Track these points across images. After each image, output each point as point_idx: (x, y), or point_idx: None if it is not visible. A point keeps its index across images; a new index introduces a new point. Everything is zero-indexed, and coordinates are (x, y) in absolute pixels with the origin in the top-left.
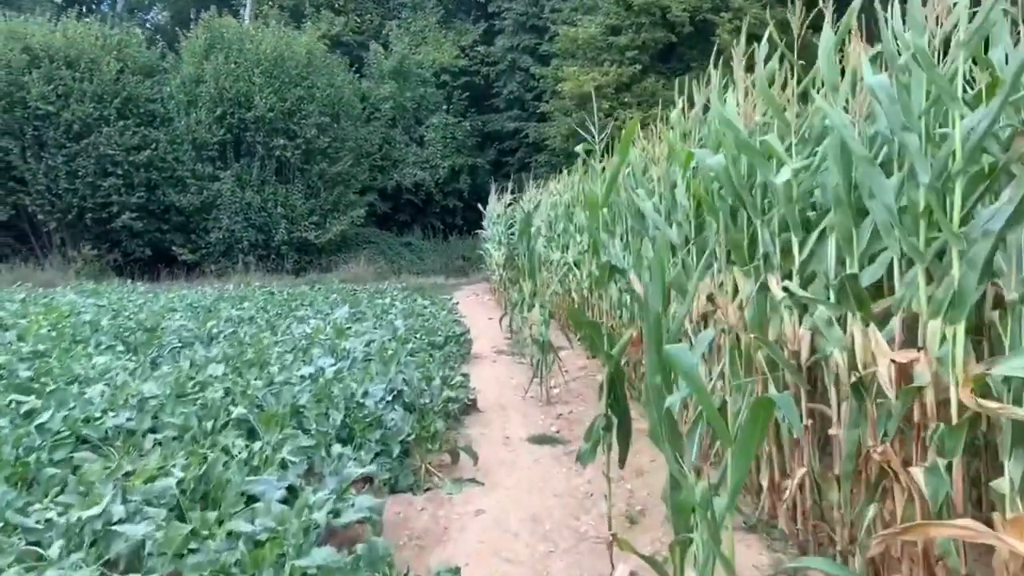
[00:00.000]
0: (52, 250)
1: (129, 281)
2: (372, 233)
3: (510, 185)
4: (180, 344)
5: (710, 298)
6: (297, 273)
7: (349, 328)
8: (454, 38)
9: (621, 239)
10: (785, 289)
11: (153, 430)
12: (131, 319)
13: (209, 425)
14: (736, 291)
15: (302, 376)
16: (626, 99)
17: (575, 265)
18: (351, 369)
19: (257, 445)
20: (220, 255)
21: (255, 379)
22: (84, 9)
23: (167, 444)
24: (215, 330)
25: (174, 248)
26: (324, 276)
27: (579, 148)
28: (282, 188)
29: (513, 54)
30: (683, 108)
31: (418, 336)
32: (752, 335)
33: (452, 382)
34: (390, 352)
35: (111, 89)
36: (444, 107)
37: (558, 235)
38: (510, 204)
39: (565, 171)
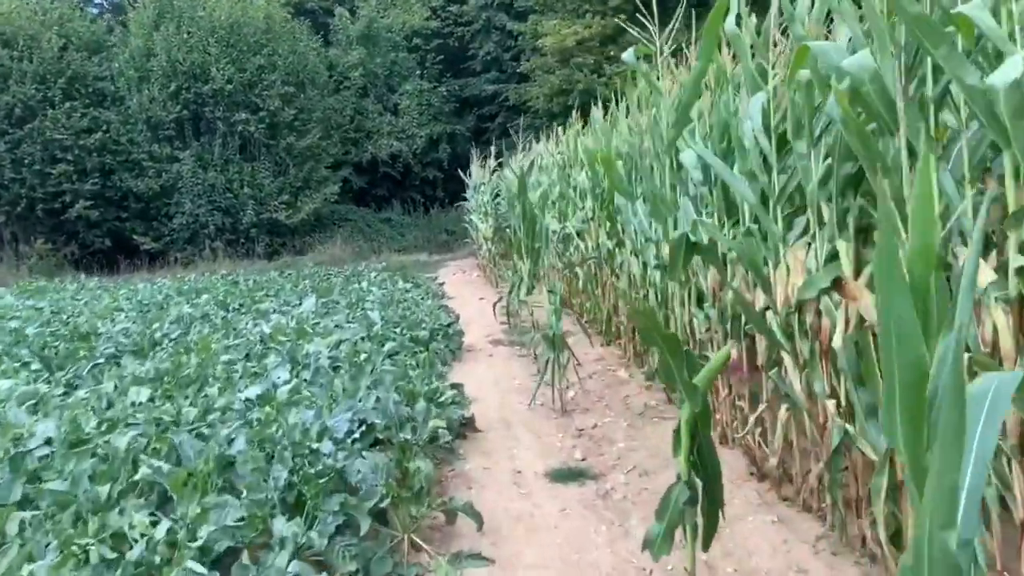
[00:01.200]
0: (3, 246)
1: (83, 276)
2: (348, 210)
3: (492, 151)
4: (115, 354)
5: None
6: (269, 257)
7: (317, 324)
8: None
9: (644, 202)
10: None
11: (26, 501)
12: (68, 323)
13: (105, 491)
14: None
15: (247, 400)
16: (612, 52)
17: (577, 235)
18: (311, 385)
19: (164, 528)
20: (185, 242)
21: (188, 405)
22: None
23: (36, 527)
24: (159, 334)
25: (135, 237)
26: (298, 259)
27: (628, 54)
28: (247, 166)
29: (488, 12)
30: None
31: (398, 330)
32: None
33: (441, 399)
34: (363, 357)
35: (54, 68)
36: (418, 72)
37: (553, 201)
38: (495, 171)
39: (552, 132)
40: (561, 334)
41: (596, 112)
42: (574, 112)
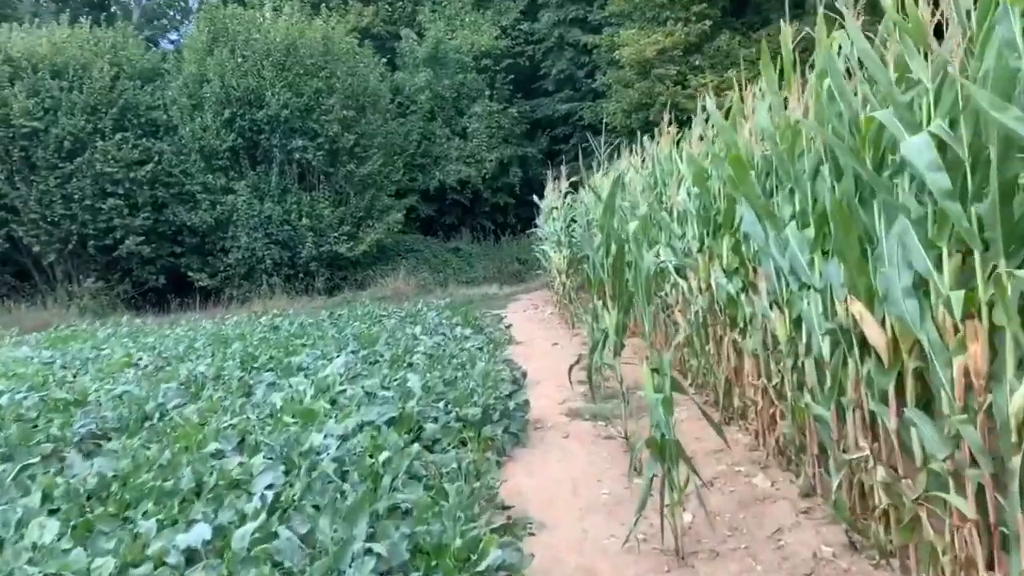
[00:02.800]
0: (56, 286)
1: (125, 318)
2: (415, 240)
3: (564, 171)
4: (94, 433)
5: None
6: (330, 292)
7: (343, 391)
8: (493, 17)
9: (800, 226)
10: None
11: None
12: (64, 384)
13: None
14: None
15: (188, 550)
16: (697, 62)
17: (676, 272)
18: (297, 512)
19: None
20: (241, 278)
21: (107, 551)
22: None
23: None
24: (155, 402)
25: (190, 274)
26: (359, 295)
27: None
28: (306, 196)
29: (560, 28)
30: None
31: (443, 405)
32: None
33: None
34: (382, 457)
35: (105, 98)
36: (487, 94)
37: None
38: (568, 193)
39: (635, 147)
40: (675, 441)
41: (708, 103)
42: (656, 129)
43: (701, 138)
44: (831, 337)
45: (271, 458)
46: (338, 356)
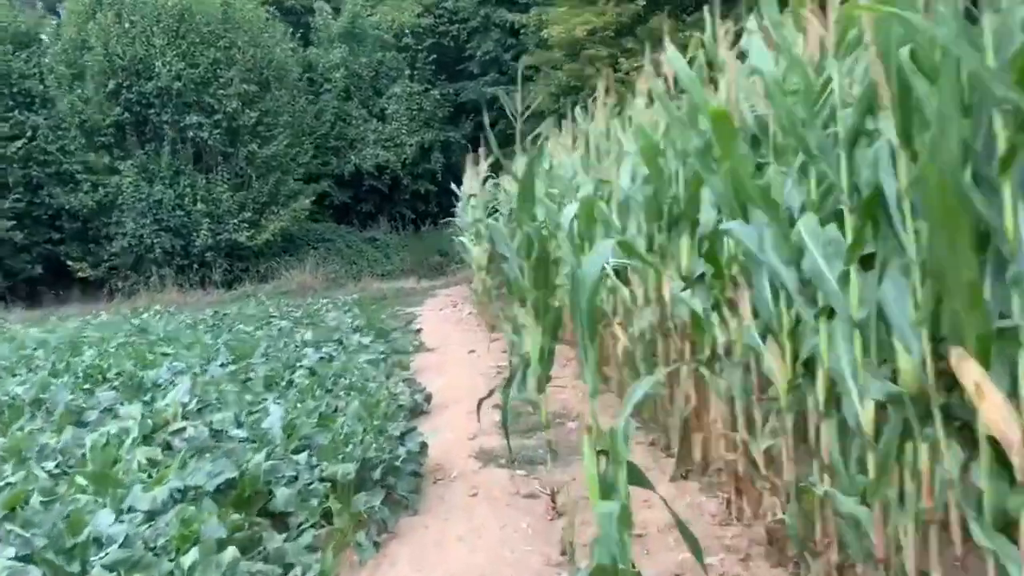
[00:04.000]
0: None
1: None
2: (327, 229)
3: (483, 153)
4: None
5: None
6: (229, 285)
7: (180, 430)
8: None
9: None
10: None
11: None
12: None
13: None
14: None
15: None
16: (629, 44)
17: (616, 275)
18: None
19: None
20: (128, 268)
21: None
22: None
23: None
24: None
25: (70, 263)
26: (261, 288)
27: None
28: (201, 178)
29: (486, 7)
30: None
31: (304, 458)
32: None
33: None
34: (188, 560)
35: None
36: (408, 74)
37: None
38: (489, 177)
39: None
40: (626, 506)
41: (668, 47)
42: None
43: (653, 101)
44: (886, 403)
45: (24, 557)
46: (200, 370)
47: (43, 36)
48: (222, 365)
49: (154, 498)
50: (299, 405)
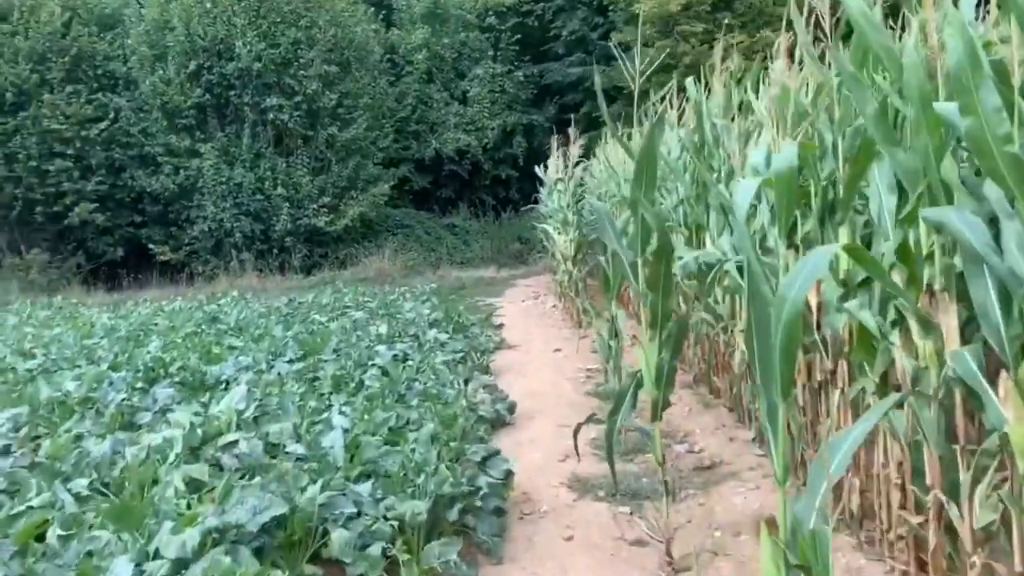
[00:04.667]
0: (1, 257)
1: (58, 297)
2: (406, 215)
3: (576, 135)
4: None
5: None
6: (308, 271)
7: (232, 444)
8: None
9: None
10: None
11: None
12: None
13: None
14: None
15: None
16: (726, 19)
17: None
18: None
19: None
20: (209, 252)
21: None
22: None
23: None
24: None
25: (151, 246)
26: (340, 274)
27: None
28: (281, 162)
29: None
30: None
31: (368, 488)
32: None
33: None
34: None
35: (56, 45)
36: (490, 55)
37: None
38: (580, 162)
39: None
40: None
41: None
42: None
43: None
44: None
45: None
46: (267, 366)
47: (126, 17)
48: (290, 361)
49: (183, 543)
50: (366, 417)
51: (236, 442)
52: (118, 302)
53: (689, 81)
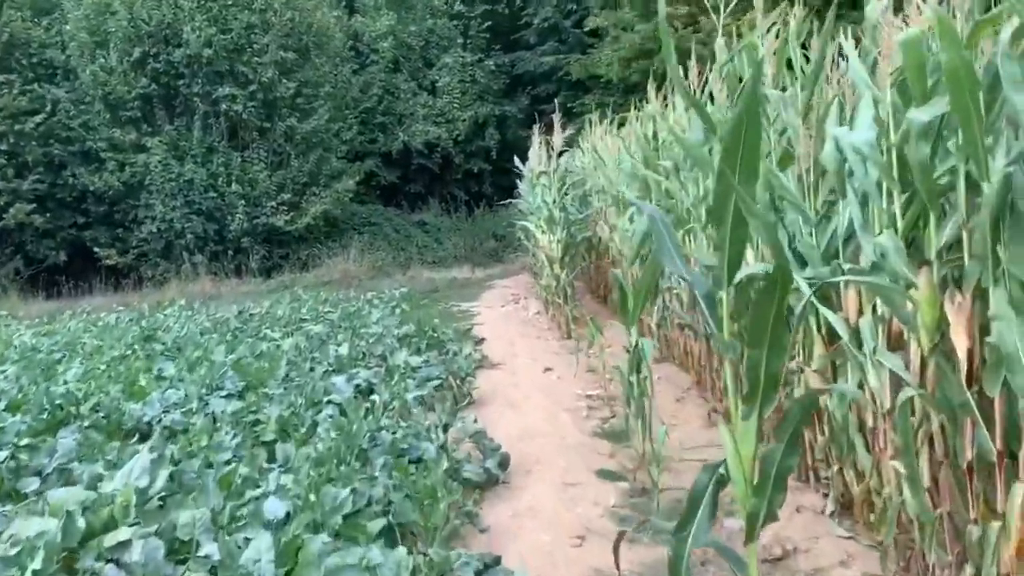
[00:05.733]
0: None
1: None
2: (373, 212)
3: (559, 123)
4: None
5: None
6: (268, 273)
7: (112, 553)
8: None
9: None
10: None
11: None
12: None
13: None
14: None
15: None
16: (711, 1)
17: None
18: None
19: None
20: (158, 256)
21: None
22: None
23: None
24: None
25: (96, 249)
26: (302, 276)
27: None
28: (236, 156)
29: None
30: None
31: None
32: None
33: None
34: None
35: None
36: (460, 42)
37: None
38: (563, 152)
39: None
40: None
41: None
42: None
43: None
44: None
45: None
46: (199, 402)
47: (64, 1)
48: (228, 396)
49: None
50: (312, 497)
51: (128, 543)
52: (55, 312)
53: (720, 44)
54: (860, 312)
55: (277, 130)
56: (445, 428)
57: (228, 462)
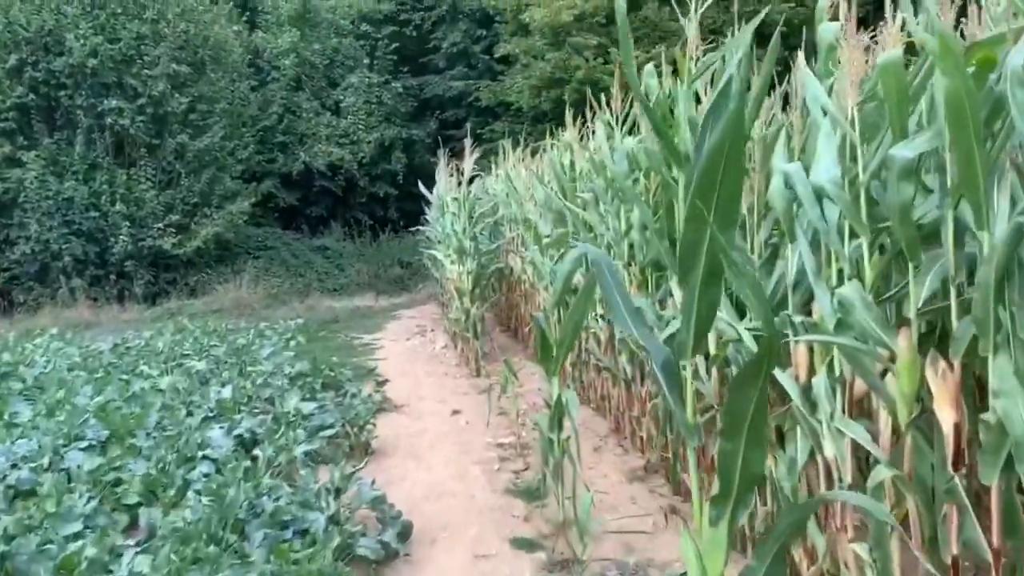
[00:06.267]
0: None
1: None
2: (270, 235)
3: (471, 147)
4: None
5: None
6: (153, 300)
7: None
8: None
9: None
10: None
11: None
12: None
13: None
14: None
15: None
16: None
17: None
18: None
19: None
20: (32, 279)
21: None
22: None
23: None
24: None
25: None
26: (190, 304)
27: None
28: (121, 174)
29: None
30: None
31: None
32: None
33: None
34: None
35: None
36: (366, 63)
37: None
38: (473, 178)
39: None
40: None
41: None
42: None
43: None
44: None
45: None
46: (54, 454)
47: None
48: (89, 448)
49: None
50: None
51: None
52: None
53: (648, 68)
54: (812, 371)
55: (167, 147)
56: (337, 493)
57: (77, 535)
